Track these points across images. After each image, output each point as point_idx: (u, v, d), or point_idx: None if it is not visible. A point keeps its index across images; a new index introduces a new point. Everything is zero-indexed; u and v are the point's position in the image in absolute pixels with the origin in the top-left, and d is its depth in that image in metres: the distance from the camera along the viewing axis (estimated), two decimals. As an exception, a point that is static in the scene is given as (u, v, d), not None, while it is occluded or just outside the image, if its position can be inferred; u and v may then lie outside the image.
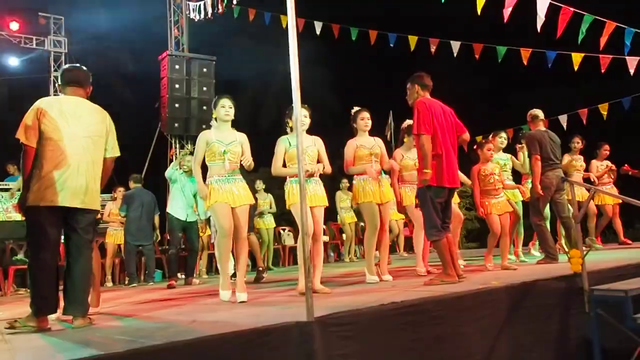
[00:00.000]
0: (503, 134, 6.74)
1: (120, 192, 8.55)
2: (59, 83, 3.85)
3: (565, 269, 4.37)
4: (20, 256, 8.05)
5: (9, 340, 3.09)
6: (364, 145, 5.16)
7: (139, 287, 7.59)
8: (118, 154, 3.82)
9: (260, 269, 6.91)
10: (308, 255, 3.05)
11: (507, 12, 5.89)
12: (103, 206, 8.70)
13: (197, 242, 7.41)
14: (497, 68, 9.02)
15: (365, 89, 12.17)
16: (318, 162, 4.71)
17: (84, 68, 3.89)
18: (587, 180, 7.80)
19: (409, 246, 10.06)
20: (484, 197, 5.66)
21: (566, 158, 7.59)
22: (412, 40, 8.87)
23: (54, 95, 10.31)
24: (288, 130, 4.75)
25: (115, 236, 8.55)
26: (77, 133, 3.56)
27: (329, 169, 4.75)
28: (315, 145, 4.70)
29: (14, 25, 11.63)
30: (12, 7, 11.60)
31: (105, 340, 2.83)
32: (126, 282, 8.34)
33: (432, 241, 4.56)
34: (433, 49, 8.60)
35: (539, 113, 6.19)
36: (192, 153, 6.43)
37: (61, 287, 3.57)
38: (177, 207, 7.10)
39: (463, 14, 6.46)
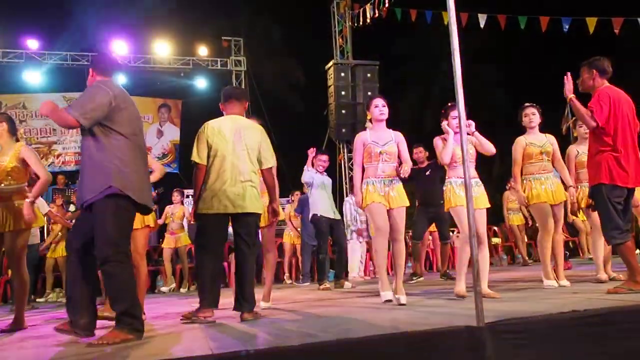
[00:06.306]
0: None
1: (296, 195, 9.21)
2: (222, 101, 4.22)
3: None
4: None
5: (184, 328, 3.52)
6: (533, 142, 4.87)
7: (311, 285, 8.08)
8: (272, 164, 4.11)
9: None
10: (477, 257, 2.96)
11: None
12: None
13: (344, 240, 7.50)
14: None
15: (536, 80, 11.35)
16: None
17: (241, 87, 4.30)
18: None
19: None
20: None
21: None
22: (591, 22, 8.05)
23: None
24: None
25: (291, 236, 9.27)
26: (236, 147, 3.94)
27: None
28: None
29: (203, 50, 13.21)
30: (200, 34, 13.20)
31: (276, 333, 3.08)
32: (301, 280, 8.94)
33: (614, 245, 4.09)
34: (617, 30, 7.71)
35: None
36: None
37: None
38: (325, 206, 7.06)
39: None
